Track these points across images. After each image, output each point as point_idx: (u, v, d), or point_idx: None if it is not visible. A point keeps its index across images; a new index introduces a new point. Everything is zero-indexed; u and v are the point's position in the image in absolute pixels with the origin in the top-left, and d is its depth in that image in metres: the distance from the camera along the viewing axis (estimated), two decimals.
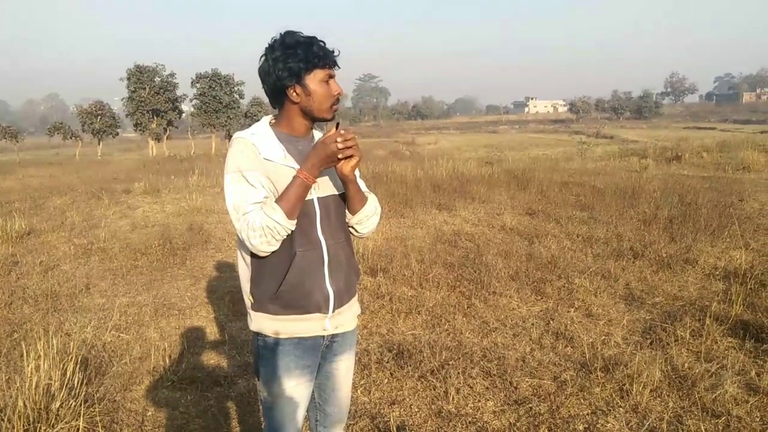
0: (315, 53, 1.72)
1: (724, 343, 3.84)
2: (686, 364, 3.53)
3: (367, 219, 1.92)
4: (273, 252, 1.73)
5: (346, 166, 1.73)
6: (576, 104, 79.19)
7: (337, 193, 1.87)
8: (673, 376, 3.39)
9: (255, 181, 1.71)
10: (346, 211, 1.91)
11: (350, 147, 1.69)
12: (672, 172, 13.28)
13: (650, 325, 4.23)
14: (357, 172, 1.96)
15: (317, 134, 1.92)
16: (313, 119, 1.83)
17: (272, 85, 1.77)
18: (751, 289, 4.75)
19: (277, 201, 1.68)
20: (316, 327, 1.84)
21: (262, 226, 1.64)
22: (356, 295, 2.01)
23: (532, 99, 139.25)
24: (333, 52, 1.78)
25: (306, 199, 1.75)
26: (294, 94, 1.75)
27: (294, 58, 1.71)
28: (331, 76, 1.78)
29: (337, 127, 1.70)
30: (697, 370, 3.42)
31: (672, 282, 5.20)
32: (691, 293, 4.90)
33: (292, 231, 1.72)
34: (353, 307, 1.99)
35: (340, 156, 1.69)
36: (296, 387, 1.85)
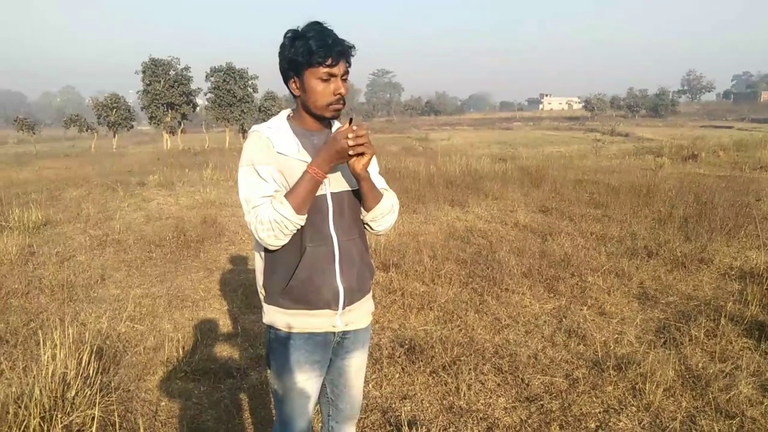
0: (315, 49, 1.66)
1: (738, 344, 3.80)
2: (700, 364, 3.50)
3: (381, 217, 1.88)
4: (284, 246, 1.73)
5: (357, 164, 1.69)
6: (591, 101, 78.47)
7: (351, 188, 1.85)
8: (687, 376, 3.37)
9: (266, 174, 1.71)
10: (361, 208, 1.88)
11: (362, 144, 1.64)
12: (688, 171, 13.14)
13: (664, 325, 4.20)
14: (376, 168, 1.96)
15: (335, 128, 1.88)
16: (313, 116, 1.79)
17: (281, 74, 1.78)
18: (767, 289, 4.69)
19: (286, 195, 1.67)
20: (325, 323, 1.84)
21: (270, 220, 1.64)
22: (370, 293, 1.98)
23: (546, 96, 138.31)
24: (343, 49, 1.70)
25: (318, 194, 1.74)
26: (294, 86, 1.75)
27: (296, 51, 1.68)
28: (333, 75, 1.70)
29: (350, 123, 1.67)
30: (711, 371, 3.39)
31: (686, 281, 5.15)
32: (706, 293, 4.85)
33: (304, 226, 1.72)
34: (366, 305, 1.95)
35: (350, 153, 1.64)
36: (307, 381, 1.86)
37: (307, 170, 1.68)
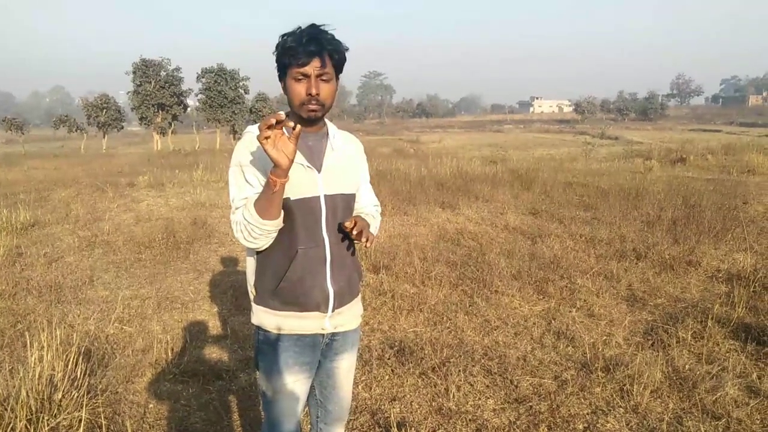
0: (287, 47, 1.65)
1: (725, 346, 3.84)
2: (687, 366, 3.53)
3: None
4: (276, 247, 1.74)
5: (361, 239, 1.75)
6: (581, 105, 78.80)
7: (346, 192, 1.84)
8: (674, 378, 3.39)
9: (251, 177, 1.71)
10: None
11: (359, 233, 1.72)
12: (676, 174, 13.24)
13: (652, 326, 4.23)
14: (367, 177, 1.98)
15: (332, 130, 1.87)
16: (300, 117, 1.74)
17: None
18: (753, 291, 4.75)
19: (255, 201, 1.65)
20: (314, 325, 1.84)
21: (239, 222, 1.67)
22: (359, 296, 1.99)
23: (537, 99, 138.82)
24: (317, 49, 1.63)
25: (312, 195, 1.74)
26: (282, 86, 1.75)
27: (277, 51, 1.70)
28: (305, 75, 1.66)
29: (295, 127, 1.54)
30: (698, 372, 3.42)
31: (674, 284, 5.20)
32: (694, 295, 4.89)
33: (296, 227, 1.73)
34: (355, 308, 1.96)
35: (353, 232, 1.72)
36: (295, 383, 1.86)
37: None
